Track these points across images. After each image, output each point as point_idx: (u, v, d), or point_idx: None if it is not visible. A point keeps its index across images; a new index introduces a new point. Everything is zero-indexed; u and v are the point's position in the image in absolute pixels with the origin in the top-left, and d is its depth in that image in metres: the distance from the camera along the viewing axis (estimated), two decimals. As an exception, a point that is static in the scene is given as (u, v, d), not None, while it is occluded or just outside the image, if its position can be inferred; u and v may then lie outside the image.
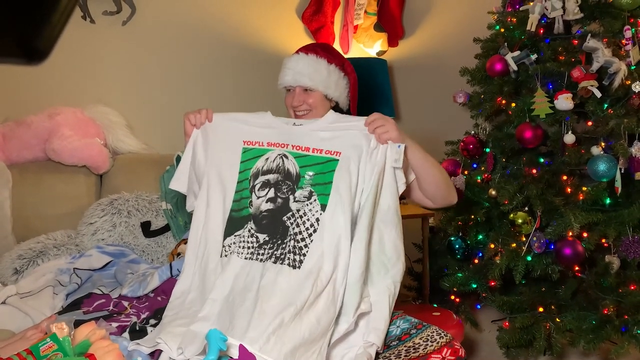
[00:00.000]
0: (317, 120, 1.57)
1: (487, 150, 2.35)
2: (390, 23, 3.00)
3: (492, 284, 2.20)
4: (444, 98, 2.84)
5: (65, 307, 1.64)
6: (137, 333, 1.39)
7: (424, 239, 2.60)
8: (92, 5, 2.54)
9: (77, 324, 1.30)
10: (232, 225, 1.46)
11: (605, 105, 2.08)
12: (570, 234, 1.99)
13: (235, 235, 1.45)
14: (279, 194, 1.47)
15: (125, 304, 1.64)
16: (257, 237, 1.43)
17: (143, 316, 1.53)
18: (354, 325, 1.35)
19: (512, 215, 2.13)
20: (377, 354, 1.33)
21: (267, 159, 1.51)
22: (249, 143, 1.56)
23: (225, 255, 1.43)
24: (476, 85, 2.46)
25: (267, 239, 1.42)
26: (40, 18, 0.45)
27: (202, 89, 2.78)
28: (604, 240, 2.04)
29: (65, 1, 0.46)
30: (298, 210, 1.44)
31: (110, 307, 1.61)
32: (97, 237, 2.10)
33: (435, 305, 2.46)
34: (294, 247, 1.39)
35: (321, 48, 1.69)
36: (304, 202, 1.44)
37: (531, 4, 2.22)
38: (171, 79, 2.72)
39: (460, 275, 2.36)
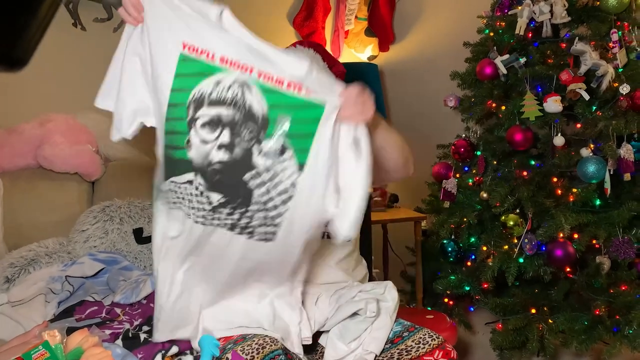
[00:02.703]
0: (296, 50, 1.22)
1: (478, 153, 2.37)
2: (381, 28, 3.03)
3: (485, 286, 2.22)
4: (434, 102, 2.86)
5: (57, 314, 1.64)
6: (130, 340, 1.38)
7: (416, 242, 2.61)
8: (83, 13, 2.54)
9: (70, 331, 1.30)
10: (167, 166, 1.11)
11: (594, 108, 2.11)
12: (561, 235, 2.00)
13: (171, 182, 1.11)
14: (236, 141, 1.06)
15: (118, 311, 1.63)
16: (208, 198, 1.09)
17: (136, 323, 1.53)
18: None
19: (503, 217, 2.15)
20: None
21: (219, 82, 1.06)
22: (191, 49, 1.06)
23: (167, 202, 1.14)
24: (466, 89, 2.48)
25: (222, 201, 1.08)
26: (19, 27, 0.45)
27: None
28: (594, 241, 2.05)
29: (45, 11, 0.47)
30: (267, 170, 1.06)
31: (103, 314, 1.61)
32: (89, 244, 2.09)
33: (429, 308, 2.47)
34: (265, 217, 1.08)
35: (317, 46, 1.60)
36: (275, 158, 1.05)
37: (519, 8, 2.24)
38: (163, 86, 2.72)
39: (453, 277, 2.38)
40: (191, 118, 1.06)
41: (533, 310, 2.17)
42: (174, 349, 1.31)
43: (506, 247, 2.13)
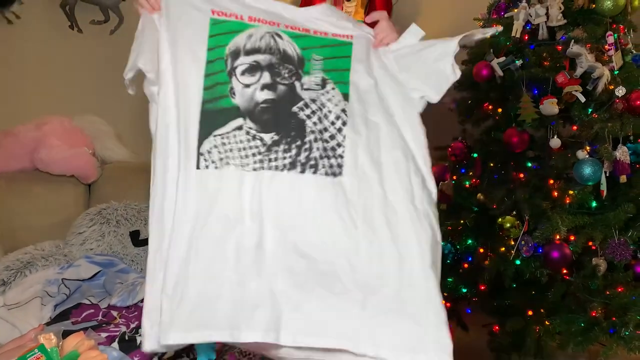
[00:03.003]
0: (308, 9, 1.23)
1: (475, 155, 2.37)
2: (378, 30, 3.03)
3: (482, 288, 2.22)
4: (431, 104, 2.86)
5: (54, 317, 1.63)
6: (127, 343, 1.38)
7: (414, 244, 2.61)
8: (79, 15, 2.54)
9: (66, 334, 1.29)
10: (209, 121, 1.09)
11: (590, 110, 2.11)
12: (558, 237, 2.00)
13: (215, 136, 1.08)
14: (278, 79, 1.11)
15: (115, 313, 1.63)
16: (261, 139, 1.08)
17: (132, 326, 1.52)
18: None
19: (500, 219, 2.15)
20: None
21: (251, 35, 1.13)
22: (220, 13, 1.14)
23: (206, 167, 1.07)
24: (463, 91, 2.48)
25: (276, 138, 1.08)
26: None
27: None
28: (590, 243, 2.05)
29: None
30: (313, 101, 1.11)
31: (99, 317, 1.61)
32: (85, 247, 2.09)
33: (426, 311, 2.47)
34: (325, 149, 1.08)
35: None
36: (317, 89, 1.12)
37: (515, 10, 2.24)
38: (160, 88, 2.72)
39: (450, 280, 2.37)
40: (230, 68, 1.11)
41: (530, 312, 2.17)
42: (170, 352, 1.31)
43: (503, 249, 2.13)
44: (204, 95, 1.10)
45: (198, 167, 1.07)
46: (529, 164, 2.24)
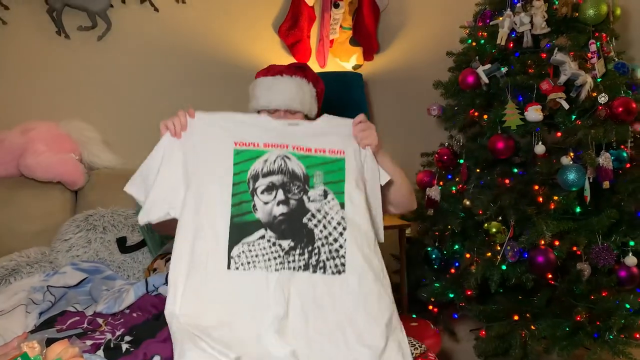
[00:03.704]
0: (312, 122, 1.53)
1: (461, 161, 2.39)
2: (366, 37, 3.05)
3: (469, 293, 2.23)
4: (418, 111, 2.89)
5: (38, 325, 1.62)
6: (112, 350, 1.37)
7: (401, 249, 2.62)
8: (66, 21, 2.53)
9: (49, 342, 1.28)
10: (238, 231, 1.34)
11: (573, 117, 2.14)
12: (543, 242, 2.03)
13: (244, 244, 1.34)
14: (289, 196, 1.39)
15: (100, 321, 1.62)
16: (280, 245, 1.34)
17: (118, 333, 1.51)
18: None
19: (486, 225, 2.17)
20: None
21: (266, 160, 1.41)
22: (241, 144, 1.42)
23: (237, 268, 1.31)
24: (450, 98, 2.51)
25: (292, 244, 1.35)
26: None
27: (179, 103, 2.77)
28: (575, 248, 2.08)
29: None
30: (319, 211, 1.38)
31: (85, 325, 1.59)
32: (71, 253, 2.08)
33: (414, 316, 2.48)
34: (330, 251, 1.35)
35: (298, 68, 1.66)
36: (321, 200, 1.39)
37: (500, 19, 2.28)
38: (147, 94, 2.71)
39: (437, 285, 2.39)
40: (252, 189, 1.38)
41: (516, 317, 2.19)
42: (156, 359, 1.30)
43: (489, 254, 2.15)
44: (232, 211, 1.35)
45: (229, 268, 1.31)
46: (515, 170, 2.26)
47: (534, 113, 2.10)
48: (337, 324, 1.29)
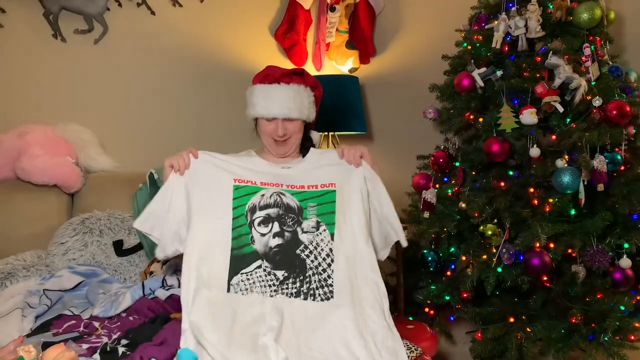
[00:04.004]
0: (303, 161, 1.67)
1: (457, 164, 2.40)
2: (362, 41, 3.07)
3: (465, 295, 2.24)
4: (414, 114, 2.90)
5: (34, 329, 1.62)
6: (108, 354, 1.37)
7: (397, 252, 2.63)
8: (63, 24, 2.54)
9: (45, 346, 1.29)
10: (237, 263, 1.47)
11: (568, 120, 2.15)
12: (538, 244, 2.03)
13: (242, 274, 1.46)
14: (284, 228, 1.50)
15: (96, 324, 1.62)
16: (275, 275, 1.46)
17: (114, 336, 1.52)
18: None
19: (482, 227, 2.17)
20: None
21: (263, 195, 1.54)
22: (240, 181, 1.56)
23: (235, 292, 1.43)
24: (445, 101, 2.51)
25: (286, 274, 1.46)
26: None
27: (175, 107, 2.79)
28: (570, 251, 2.08)
29: None
30: (311, 243, 1.50)
31: (81, 328, 1.59)
32: (68, 256, 2.08)
33: (410, 318, 2.49)
34: (319, 280, 1.46)
35: (297, 74, 1.68)
36: (314, 232, 1.50)
37: (495, 22, 2.29)
38: (143, 97, 2.72)
39: (433, 287, 2.39)
40: (250, 221, 1.50)
41: (511, 319, 2.20)
42: (152, 363, 1.31)
43: (485, 256, 2.16)
44: (232, 244, 1.48)
45: (228, 291, 1.43)
46: (510, 173, 2.27)
47: (529, 116, 2.11)
48: (327, 339, 1.37)
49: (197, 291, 1.41)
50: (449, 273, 2.38)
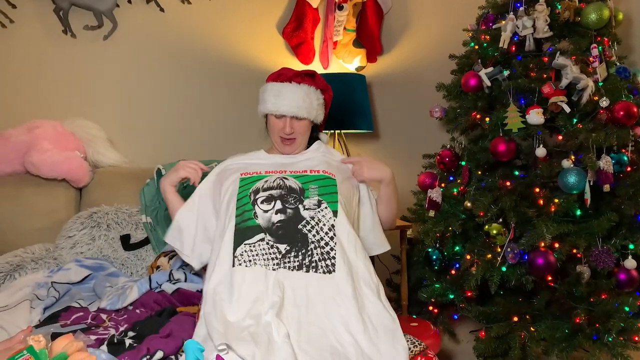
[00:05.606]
0: (307, 151, 1.77)
1: (463, 163, 2.40)
2: (369, 40, 3.07)
3: (469, 294, 2.25)
4: (421, 113, 2.91)
5: (43, 320, 1.64)
6: (115, 345, 1.39)
7: (402, 250, 2.64)
8: (73, 20, 2.56)
9: (54, 336, 1.30)
10: (240, 235, 1.53)
11: (575, 120, 2.15)
12: (543, 244, 2.04)
13: (245, 244, 1.50)
14: (286, 205, 1.55)
15: (104, 316, 1.64)
16: (277, 248, 1.49)
17: (121, 329, 1.53)
18: None
19: (487, 226, 2.18)
20: None
21: (267, 180, 1.61)
22: (246, 174, 1.67)
23: (240, 264, 1.48)
24: (452, 100, 2.52)
25: (288, 248, 1.49)
26: None
27: (183, 103, 2.80)
28: (575, 251, 2.08)
29: None
30: (312, 218, 1.53)
31: (89, 320, 1.61)
32: (76, 250, 2.09)
33: (414, 316, 2.50)
34: (321, 253, 1.48)
35: (308, 76, 1.77)
36: (315, 209, 1.55)
37: (503, 22, 2.29)
38: (152, 93, 2.74)
39: (437, 286, 2.40)
40: (253, 200, 1.58)
41: (515, 319, 2.20)
42: (159, 354, 1.32)
43: (489, 255, 2.16)
44: (236, 220, 1.56)
45: (233, 266, 1.48)
46: (516, 172, 2.27)
47: (536, 116, 2.12)
48: (326, 315, 1.39)
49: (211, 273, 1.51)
50: (453, 272, 2.38)
